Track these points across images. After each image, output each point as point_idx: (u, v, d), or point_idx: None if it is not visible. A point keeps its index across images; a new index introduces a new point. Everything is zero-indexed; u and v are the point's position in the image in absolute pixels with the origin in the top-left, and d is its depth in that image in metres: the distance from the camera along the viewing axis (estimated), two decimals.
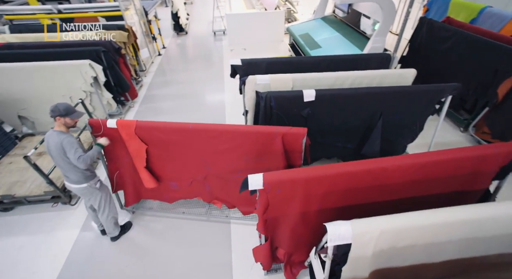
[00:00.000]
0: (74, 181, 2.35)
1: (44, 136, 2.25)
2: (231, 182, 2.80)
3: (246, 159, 2.56)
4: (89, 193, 2.50)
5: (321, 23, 6.08)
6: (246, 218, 3.10)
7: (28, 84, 3.92)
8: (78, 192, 2.47)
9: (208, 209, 3.21)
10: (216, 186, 2.91)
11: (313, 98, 2.80)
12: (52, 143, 2.18)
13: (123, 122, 2.49)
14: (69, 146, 2.17)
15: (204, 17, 11.09)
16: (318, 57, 3.61)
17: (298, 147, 2.34)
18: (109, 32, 4.69)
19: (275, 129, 2.29)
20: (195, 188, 2.99)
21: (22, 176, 3.26)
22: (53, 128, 2.24)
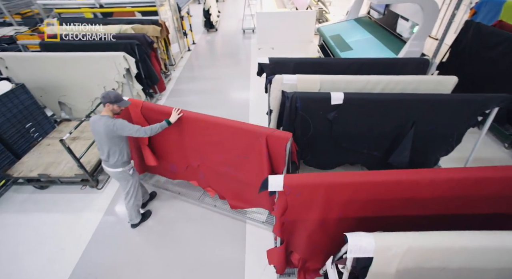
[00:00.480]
0: (111, 165, 2.53)
1: (78, 122, 2.39)
2: (221, 174, 2.90)
3: (233, 154, 2.62)
4: (123, 177, 2.67)
5: (353, 24, 5.87)
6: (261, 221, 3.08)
7: (69, 73, 4.18)
8: (114, 175, 2.65)
9: (203, 195, 3.31)
10: (209, 175, 3.03)
11: (341, 102, 2.70)
12: (101, 126, 2.33)
13: (133, 100, 2.71)
14: (122, 126, 2.36)
15: (235, 15, 11.18)
16: (348, 59, 3.48)
17: (282, 151, 2.29)
18: (143, 27, 4.87)
19: (259, 129, 2.30)
20: (190, 173, 3.17)
21: (58, 157, 3.49)
22: (101, 114, 2.41)
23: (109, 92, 2.37)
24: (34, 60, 4.08)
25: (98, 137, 2.44)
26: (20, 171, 3.31)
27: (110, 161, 2.51)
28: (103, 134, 2.37)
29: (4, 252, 2.87)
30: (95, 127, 2.39)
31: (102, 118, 2.35)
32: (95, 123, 2.38)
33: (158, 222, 3.14)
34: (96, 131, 2.40)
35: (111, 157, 2.49)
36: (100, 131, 2.36)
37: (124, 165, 2.59)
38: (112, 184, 3.62)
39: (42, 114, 4.06)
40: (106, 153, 2.47)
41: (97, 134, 2.42)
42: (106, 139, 2.39)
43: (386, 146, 3.01)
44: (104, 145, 2.43)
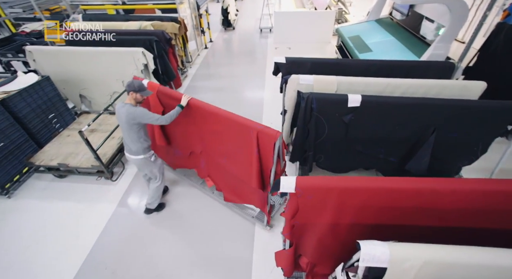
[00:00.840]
0: (133, 152, 2.64)
1: (97, 115, 2.45)
2: (219, 165, 2.99)
3: (229, 146, 2.71)
4: (145, 164, 2.76)
5: (374, 25, 5.71)
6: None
7: (90, 67, 4.31)
8: (136, 162, 2.75)
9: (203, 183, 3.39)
10: (209, 164, 3.14)
11: (358, 104, 2.62)
12: (124, 113, 2.44)
13: (150, 83, 2.95)
14: (143, 114, 2.46)
15: (253, 14, 11.17)
16: (368, 61, 3.38)
17: (270, 149, 2.31)
18: (162, 23, 4.95)
19: (252, 124, 2.35)
20: (192, 160, 3.31)
21: (76, 148, 3.61)
22: (124, 102, 2.51)
23: (133, 81, 2.47)
24: (59, 54, 4.24)
25: (121, 124, 2.56)
26: (42, 159, 3.45)
27: (132, 148, 2.62)
28: (124, 121, 2.48)
29: (24, 236, 3.00)
30: (119, 114, 2.51)
31: (125, 106, 2.46)
32: (119, 110, 2.49)
33: (169, 215, 3.18)
34: (119, 118, 2.52)
35: (132, 144, 2.59)
36: (122, 118, 2.47)
37: (145, 151, 2.67)
38: (125, 177, 3.71)
39: (64, 106, 4.21)
40: (128, 140, 2.59)
41: (120, 121, 2.54)
42: (126, 126, 2.49)
43: (404, 151, 2.90)
44: (125, 131, 2.55)
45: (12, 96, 3.42)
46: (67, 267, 2.70)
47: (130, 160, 2.73)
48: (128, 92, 2.48)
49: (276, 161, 2.38)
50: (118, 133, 3.75)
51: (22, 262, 2.76)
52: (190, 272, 2.64)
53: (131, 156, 2.69)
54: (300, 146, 3.04)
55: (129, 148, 2.64)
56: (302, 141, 3.00)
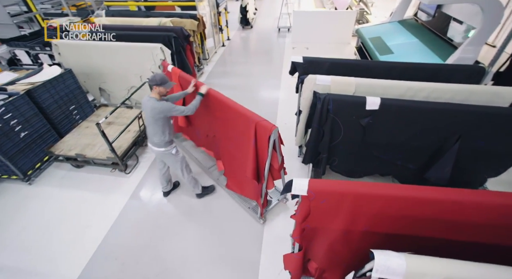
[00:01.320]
0: (155, 144, 2.71)
1: (114, 108, 2.49)
2: (227, 150, 3.14)
3: (234, 133, 2.81)
4: (166, 156, 2.84)
5: (397, 26, 5.51)
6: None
7: (110, 61, 4.42)
8: (158, 154, 2.84)
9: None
10: (220, 147, 3.28)
11: (376, 107, 2.53)
12: (149, 107, 2.50)
13: (174, 68, 3.37)
14: (168, 108, 2.51)
15: (271, 13, 11.11)
16: (389, 62, 3.26)
17: (265, 141, 2.37)
18: (182, 20, 5.00)
19: (252, 115, 2.46)
20: (208, 142, 3.54)
21: (93, 140, 3.71)
22: (149, 95, 2.55)
23: (155, 75, 2.49)
24: (82, 47, 4.37)
25: (146, 117, 2.63)
26: (61, 149, 3.57)
27: (154, 140, 2.68)
28: (149, 115, 2.53)
29: (42, 222, 3.11)
30: (144, 108, 2.56)
31: (150, 100, 2.50)
32: (145, 104, 2.54)
33: (180, 211, 3.20)
34: (145, 112, 2.58)
35: (155, 137, 2.65)
36: (147, 112, 2.53)
37: (166, 145, 2.73)
38: (139, 170, 3.77)
39: (84, 98, 4.34)
40: (152, 132, 2.64)
41: (146, 115, 2.60)
42: (151, 120, 2.55)
43: (424, 159, 2.76)
44: (150, 125, 2.61)
45: (37, 87, 3.56)
46: (80, 255, 2.78)
47: (152, 150, 2.80)
48: (151, 87, 2.53)
49: (271, 154, 2.40)
50: (134, 127, 3.82)
51: (39, 247, 2.87)
52: (197, 269, 2.65)
53: (153, 147, 2.76)
54: (314, 147, 2.97)
55: (152, 139, 2.71)
56: (317, 142, 2.93)
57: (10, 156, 3.29)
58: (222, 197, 3.37)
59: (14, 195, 3.45)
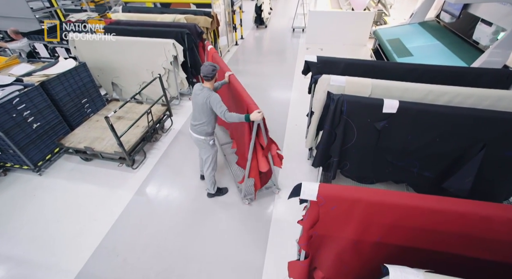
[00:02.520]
0: (197, 132, 2.76)
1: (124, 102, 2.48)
2: (237, 130, 3.39)
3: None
4: (203, 145, 2.88)
5: (417, 28, 5.29)
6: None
7: (124, 56, 4.44)
8: (196, 141, 2.87)
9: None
10: (233, 128, 3.63)
11: (394, 111, 2.39)
12: (202, 95, 2.56)
13: (212, 49, 3.71)
14: (216, 102, 2.52)
15: (286, 13, 11.00)
16: (408, 64, 3.09)
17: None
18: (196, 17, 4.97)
19: (246, 98, 2.69)
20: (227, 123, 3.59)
21: (103, 133, 3.72)
22: (203, 85, 2.62)
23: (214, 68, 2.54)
24: (96, 42, 4.42)
25: (194, 105, 2.69)
26: (71, 141, 3.59)
27: (197, 127, 2.74)
28: (200, 103, 2.59)
29: (49, 213, 3.13)
30: (195, 96, 2.63)
31: (204, 89, 2.57)
32: (196, 92, 2.62)
33: (185, 210, 3.15)
34: (195, 99, 2.64)
35: (198, 125, 2.72)
36: (198, 99, 2.59)
37: (207, 135, 2.79)
38: (146, 166, 3.75)
39: (96, 92, 4.37)
40: (198, 119, 2.70)
41: (195, 102, 2.65)
42: (201, 108, 2.61)
43: (443, 167, 2.59)
44: (197, 112, 2.68)
45: (51, 80, 3.60)
46: (83, 248, 2.76)
47: (192, 137, 2.86)
48: (209, 79, 2.56)
49: (255, 132, 2.59)
50: (143, 122, 3.81)
51: (45, 237, 2.88)
52: (199, 269, 2.58)
53: (193, 133, 2.81)
54: (325, 150, 2.85)
55: (194, 126, 2.76)
56: (328, 145, 2.81)
57: (22, 146, 3.33)
58: (230, 197, 3.30)
59: (25, 185, 3.49)
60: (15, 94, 3.20)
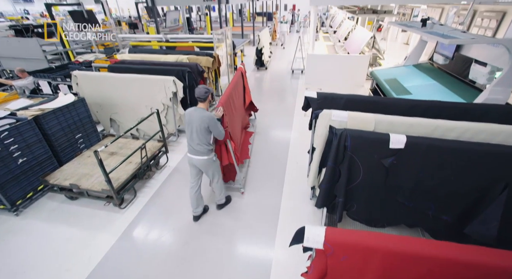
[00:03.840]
0: (200, 153, 2.79)
1: (122, 137, 2.31)
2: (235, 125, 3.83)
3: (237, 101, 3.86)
4: (207, 164, 2.89)
5: (413, 69, 5.46)
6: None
7: (124, 92, 4.48)
8: (199, 163, 2.87)
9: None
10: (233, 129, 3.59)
11: (402, 146, 2.22)
12: (198, 116, 2.66)
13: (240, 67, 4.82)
14: (213, 122, 2.69)
15: (286, 57, 11.64)
16: (410, 100, 3.03)
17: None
18: (198, 57, 5.17)
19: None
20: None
21: (92, 170, 3.51)
22: (198, 106, 2.75)
23: (207, 90, 2.71)
24: (99, 79, 4.50)
25: (190, 127, 2.73)
26: (57, 178, 3.37)
27: (199, 149, 2.76)
28: (197, 124, 2.66)
29: (17, 261, 2.75)
30: (191, 117, 2.70)
31: (198, 110, 2.69)
32: (191, 114, 2.70)
33: (176, 257, 2.77)
34: (190, 121, 2.71)
35: (200, 146, 2.75)
36: (194, 120, 2.67)
37: (209, 153, 2.84)
38: (135, 206, 3.46)
39: (92, 128, 4.29)
40: (197, 142, 2.74)
41: (190, 124, 2.71)
42: (198, 128, 2.68)
43: (462, 209, 2.33)
44: (194, 133, 2.71)
45: (46, 114, 3.53)
46: None
47: (193, 160, 2.86)
48: (205, 100, 2.73)
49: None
50: (136, 158, 3.63)
51: None
52: None
53: (194, 156, 2.83)
54: (328, 189, 2.62)
55: (193, 148, 2.79)
56: (332, 184, 2.58)
57: (1, 183, 3.10)
58: (228, 243, 2.94)
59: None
60: (4, 127, 3.09)
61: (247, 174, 4.05)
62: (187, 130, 2.78)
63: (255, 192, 3.70)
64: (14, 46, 6.85)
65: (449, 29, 3.81)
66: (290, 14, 20.21)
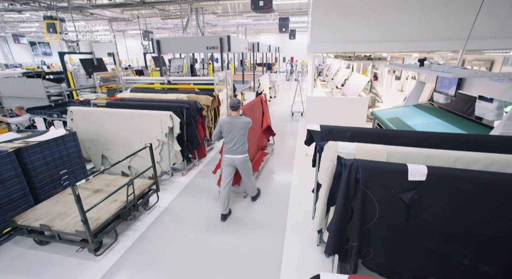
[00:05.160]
0: (241, 152, 3.40)
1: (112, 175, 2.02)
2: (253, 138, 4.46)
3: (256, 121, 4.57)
4: (245, 161, 3.48)
5: (414, 109, 5.42)
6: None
7: (119, 127, 4.34)
8: (240, 161, 3.42)
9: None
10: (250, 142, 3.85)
11: (423, 178, 1.93)
12: (240, 122, 3.32)
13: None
14: (250, 121, 3.42)
15: (285, 101, 11.97)
16: (423, 132, 2.83)
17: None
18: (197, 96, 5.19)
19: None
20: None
21: (70, 208, 3.12)
22: (232, 115, 3.38)
23: (238, 100, 3.43)
24: (95, 114, 4.41)
25: (232, 133, 3.33)
26: (27, 218, 2.96)
27: (239, 149, 3.36)
28: (240, 128, 3.31)
29: None
30: (232, 123, 3.31)
31: (236, 117, 3.35)
32: (232, 120, 3.31)
33: None
34: (233, 127, 3.30)
35: (240, 146, 3.36)
36: (237, 126, 3.30)
37: (246, 152, 3.46)
38: (115, 251, 2.97)
39: (80, 164, 4.02)
40: (239, 142, 3.34)
41: (232, 130, 3.31)
42: (241, 132, 3.33)
43: (507, 258, 1.90)
44: (237, 137, 3.32)
45: (30, 147, 3.30)
46: None
47: (235, 160, 3.40)
48: (238, 108, 3.39)
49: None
50: (122, 196, 3.27)
51: None
52: None
53: (236, 156, 3.38)
54: (339, 231, 2.22)
55: (235, 150, 3.36)
56: (343, 224, 2.20)
57: None
58: None
59: None
60: None
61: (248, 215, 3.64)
62: (227, 136, 3.35)
63: (254, 240, 3.23)
64: (19, 86, 7.02)
65: (448, 67, 3.84)
66: (289, 65, 21.71)
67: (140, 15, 14.34)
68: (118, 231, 3.23)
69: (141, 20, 14.53)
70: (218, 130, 3.39)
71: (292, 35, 16.82)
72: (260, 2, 6.71)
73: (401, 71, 13.02)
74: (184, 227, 3.42)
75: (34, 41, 24.05)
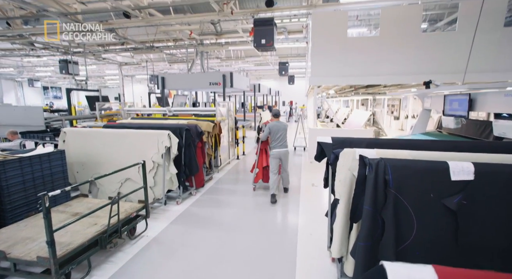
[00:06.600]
0: (283, 146, 4.44)
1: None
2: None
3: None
4: (288, 153, 4.56)
5: (423, 137, 5.18)
6: None
7: (112, 148, 4.04)
8: (286, 152, 4.52)
9: None
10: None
11: (470, 177, 1.58)
12: (283, 124, 4.47)
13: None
14: (287, 127, 4.53)
15: (288, 137, 11.84)
16: (448, 141, 2.55)
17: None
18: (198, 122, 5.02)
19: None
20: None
21: (38, 233, 2.61)
22: (274, 120, 4.55)
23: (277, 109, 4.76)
24: (89, 134, 4.17)
25: (280, 132, 4.40)
26: None
27: (283, 144, 4.43)
28: (282, 128, 4.42)
29: None
30: (278, 127, 4.42)
31: (279, 122, 4.50)
32: (278, 124, 4.44)
33: None
34: (279, 129, 4.41)
35: (285, 142, 4.45)
36: (281, 127, 4.42)
37: (287, 146, 4.54)
38: None
39: (63, 185, 3.57)
40: (283, 140, 4.44)
41: (279, 131, 4.40)
42: (284, 132, 4.44)
43: None
44: (282, 135, 4.41)
45: (8, 161, 2.96)
46: None
47: (281, 153, 4.43)
48: (277, 116, 4.60)
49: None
50: (104, 220, 2.80)
51: None
52: None
53: (283, 149, 4.43)
54: (370, 250, 1.75)
55: (282, 145, 4.42)
56: (373, 240, 1.75)
57: None
58: None
59: None
60: None
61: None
62: (275, 135, 4.38)
63: None
64: (18, 115, 6.93)
65: (456, 87, 3.74)
66: (288, 107, 22.42)
67: (149, 60, 15.27)
68: (93, 263, 2.66)
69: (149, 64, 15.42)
70: (267, 132, 4.42)
71: (291, 80, 17.70)
72: (262, 40, 7.07)
73: (399, 111, 13.22)
74: (175, 261, 2.85)
75: (47, 86, 25.27)
